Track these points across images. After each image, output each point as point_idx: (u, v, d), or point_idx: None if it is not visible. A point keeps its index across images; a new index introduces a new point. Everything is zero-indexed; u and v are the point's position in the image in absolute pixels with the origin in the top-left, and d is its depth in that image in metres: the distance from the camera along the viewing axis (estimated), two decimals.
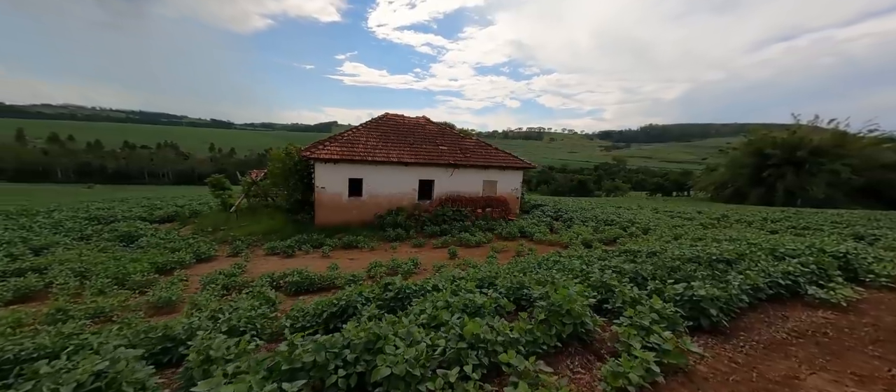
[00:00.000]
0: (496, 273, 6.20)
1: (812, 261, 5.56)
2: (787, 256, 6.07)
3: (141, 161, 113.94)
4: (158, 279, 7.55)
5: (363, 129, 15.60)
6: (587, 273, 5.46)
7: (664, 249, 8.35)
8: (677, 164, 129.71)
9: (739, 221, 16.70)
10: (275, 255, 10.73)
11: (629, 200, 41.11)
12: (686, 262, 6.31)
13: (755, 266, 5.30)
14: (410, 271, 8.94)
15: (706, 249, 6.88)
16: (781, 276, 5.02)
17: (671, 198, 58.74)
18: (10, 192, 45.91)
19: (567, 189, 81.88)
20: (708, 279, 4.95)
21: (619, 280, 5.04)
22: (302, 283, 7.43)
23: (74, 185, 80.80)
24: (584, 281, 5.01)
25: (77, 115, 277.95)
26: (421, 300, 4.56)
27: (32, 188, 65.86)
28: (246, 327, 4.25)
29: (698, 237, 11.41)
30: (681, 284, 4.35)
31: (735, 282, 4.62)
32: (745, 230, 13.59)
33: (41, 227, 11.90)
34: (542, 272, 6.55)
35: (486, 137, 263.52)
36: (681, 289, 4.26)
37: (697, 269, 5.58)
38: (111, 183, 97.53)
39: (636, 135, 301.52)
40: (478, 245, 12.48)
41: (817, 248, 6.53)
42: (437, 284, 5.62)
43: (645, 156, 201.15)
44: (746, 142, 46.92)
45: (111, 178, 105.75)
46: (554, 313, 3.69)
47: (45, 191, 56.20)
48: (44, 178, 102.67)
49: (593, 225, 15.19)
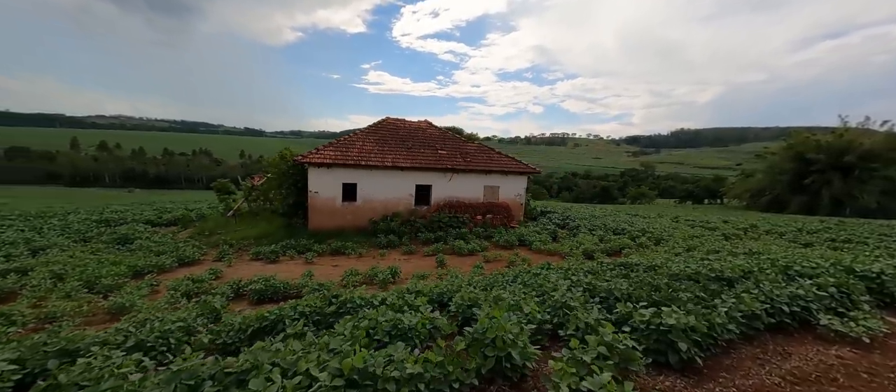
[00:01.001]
0: (458, 287, 5.61)
1: (832, 282, 4.61)
2: (802, 276, 5.12)
3: (178, 167, 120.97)
4: (127, 283, 7.47)
5: (361, 134, 15.41)
6: (554, 289, 4.77)
7: (666, 263, 7.45)
8: (710, 170, 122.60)
9: (770, 232, 15.09)
10: (259, 260, 10.59)
11: (654, 208, 38.87)
12: (681, 280, 5.50)
13: (756, 288, 4.42)
14: (386, 281, 8.47)
15: (710, 265, 5.98)
16: (788, 300, 4.14)
17: (702, 206, 55.23)
18: (58, 196, 49.57)
19: (590, 196, 79.10)
20: (692, 303, 4.15)
21: (586, 301, 4.33)
22: (265, 292, 7.12)
23: (118, 190, 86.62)
24: (545, 301, 4.33)
25: (126, 124, 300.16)
26: (348, 319, 4.05)
27: (82, 192, 71.20)
28: (156, 343, 3.90)
29: (714, 250, 10.27)
30: (650, 310, 3.61)
31: (723, 307, 3.82)
32: (772, 243, 12.18)
33: (50, 229, 12.41)
34: (512, 287, 5.89)
35: (507, 143, 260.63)
36: (648, 315, 3.52)
37: (691, 288, 4.77)
38: (152, 187, 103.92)
39: (666, 140, 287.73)
40: (471, 253, 11.85)
41: (845, 266, 5.51)
42: (387, 299, 5.11)
43: (675, 161, 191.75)
44: (786, 146, 43.38)
45: (152, 182, 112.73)
46: (476, 342, 3.08)
47: (90, 194, 60.48)
48: (94, 182, 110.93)
49: (600, 234, 14.16)
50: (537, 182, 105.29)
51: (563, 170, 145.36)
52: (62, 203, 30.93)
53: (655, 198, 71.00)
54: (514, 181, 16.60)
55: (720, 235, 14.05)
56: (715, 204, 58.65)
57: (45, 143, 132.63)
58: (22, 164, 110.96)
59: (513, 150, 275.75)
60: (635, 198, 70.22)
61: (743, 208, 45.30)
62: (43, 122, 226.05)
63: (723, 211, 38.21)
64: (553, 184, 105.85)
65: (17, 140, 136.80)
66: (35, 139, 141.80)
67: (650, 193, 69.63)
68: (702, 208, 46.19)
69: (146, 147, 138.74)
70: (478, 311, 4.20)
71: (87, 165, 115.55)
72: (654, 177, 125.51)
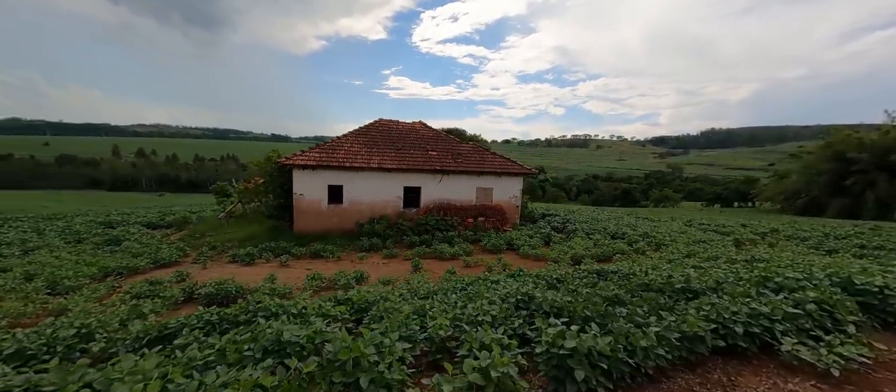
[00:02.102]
0: (385, 296, 5.18)
1: (813, 298, 3.86)
2: (782, 289, 4.36)
3: (208, 172, 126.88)
4: (89, 285, 7.50)
5: (350, 135, 15.27)
6: (491, 302, 4.27)
7: (643, 272, 6.76)
8: (745, 172, 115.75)
9: (792, 237, 13.68)
10: (235, 262, 10.54)
11: (675, 212, 36.76)
12: (652, 290, 4.88)
13: (711, 304, 3.74)
14: (347, 285, 8.15)
15: (687, 274, 5.29)
16: (746, 320, 3.45)
17: (730, 209, 51.86)
18: (97, 200, 52.85)
19: (610, 198, 76.41)
20: (625, 320, 3.55)
21: (508, 315, 3.81)
22: (216, 295, 6.95)
23: (151, 194, 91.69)
24: (456, 316, 3.83)
25: (164, 132, 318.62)
26: (238, 331, 3.72)
27: (118, 195, 75.86)
28: (39, 351, 3.71)
29: (713, 256, 9.32)
30: (556, 329, 3.05)
31: (655, 327, 3.20)
32: (788, 249, 10.96)
33: (52, 230, 12.95)
34: (451, 297, 5.39)
35: (527, 146, 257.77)
36: (551, 335, 2.97)
37: (652, 300, 4.14)
38: (183, 191, 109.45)
39: (696, 140, 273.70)
40: (453, 258, 11.36)
41: (842, 278, 4.70)
42: (307, 307, 4.76)
43: (706, 162, 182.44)
44: (824, 144, 40.06)
45: (183, 187, 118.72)
46: (329, 365, 2.66)
47: (125, 198, 64.21)
48: (132, 187, 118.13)
49: (597, 238, 13.29)
50: (556, 185, 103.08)
51: (583, 172, 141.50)
52: (93, 206, 32.83)
53: (680, 201, 67.55)
54: (508, 183, 15.96)
55: (732, 241, 12.85)
56: (745, 207, 54.89)
57: (91, 151, 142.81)
58: (69, 170, 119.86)
59: (533, 153, 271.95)
60: (658, 201, 67.06)
61: (776, 212, 42.15)
62: (90, 132, 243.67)
63: (752, 215, 35.61)
64: (572, 186, 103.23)
65: (67, 148, 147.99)
66: (83, 147, 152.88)
67: (675, 196, 66.32)
68: (729, 212, 43.34)
69: (180, 153, 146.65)
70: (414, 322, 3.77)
71: (126, 171, 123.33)
72: (682, 179, 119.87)
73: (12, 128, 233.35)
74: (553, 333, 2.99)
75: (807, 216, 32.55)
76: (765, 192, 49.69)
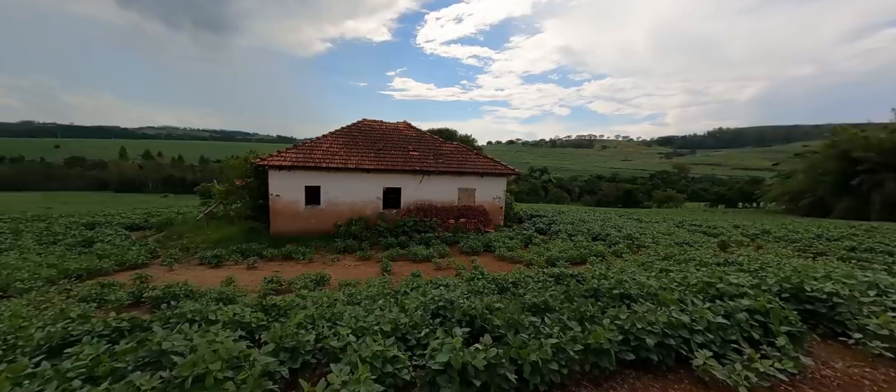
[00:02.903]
0: (335, 300, 4.98)
1: (746, 306, 3.58)
2: (721, 296, 4.08)
3: (213, 173, 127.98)
4: (40, 288, 7.39)
5: (330, 136, 15.12)
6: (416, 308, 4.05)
7: (598, 276, 6.48)
8: (753, 172, 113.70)
9: (782, 239, 13.21)
10: (203, 264, 10.42)
11: (674, 213, 36.10)
12: (599, 297, 4.65)
13: (627, 314, 3.46)
14: (305, 288, 7.94)
15: (622, 280, 5.02)
16: (662, 331, 3.18)
17: (734, 210, 50.88)
18: (101, 201, 53.53)
19: (613, 199, 75.55)
20: (534, 330, 3.30)
21: (413, 322, 3.57)
22: (163, 298, 6.80)
23: (156, 195, 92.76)
24: (361, 326, 3.59)
25: (172, 134, 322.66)
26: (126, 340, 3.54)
27: (124, 197, 76.85)
28: None
29: (689, 259, 8.97)
30: (440, 341, 2.81)
31: (555, 339, 2.94)
32: (773, 252, 10.54)
33: (30, 232, 12.97)
34: (379, 301, 5.17)
35: (531, 146, 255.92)
36: (433, 348, 2.73)
37: (580, 307, 3.88)
38: (189, 193, 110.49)
39: (703, 140, 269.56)
40: (425, 260, 11.12)
41: (794, 284, 4.42)
42: (217, 314, 4.55)
43: (713, 163, 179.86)
44: (829, 143, 39.08)
45: (189, 188, 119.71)
46: (168, 385, 2.45)
47: (130, 199, 64.94)
48: (139, 188, 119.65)
49: (579, 240, 12.97)
50: (559, 186, 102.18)
51: (587, 173, 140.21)
52: (94, 207, 33.11)
53: (684, 202, 66.49)
54: (491, 183, 15.68)
55: (718, 243, 12.43)
56: (749, 208, 53.79)
57: (100, 153, 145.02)
58: (78, 172, 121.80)
59: (537, 153, 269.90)
60: (662, 201, 66.09)
61: (780, 213, 41.22)
62: (101, 134, 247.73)
63: (754, 216, 34.81)
64: (575, 187, 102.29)
65: (78, 151, 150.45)
66: (93, 150, 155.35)
67: (678, 197, 65.30)
68: (731, 213, 42.41)
69: (186, 155, 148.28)
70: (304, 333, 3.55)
71: (134, 173, 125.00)
72: (687, 179, 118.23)
73: (25, 131, 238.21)
74: (433, 346, 2.75)
75: (812, 217, 31.73)
76: (769, 192, 48.68)
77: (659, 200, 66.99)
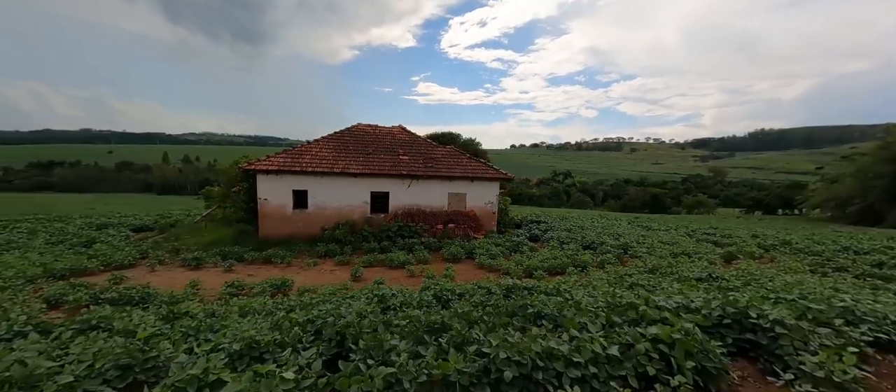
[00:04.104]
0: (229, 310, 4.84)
1: (652, 335, 3.08)
2: (642, 321, 3.57)
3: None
4: (20, 286, 7.79)
5: (321, 141, 15.27)
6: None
7: (538, 292, 6.07)
8: (797, 176, 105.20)
9: (802, 251, 11.87)
10: (184, 266, 10.71)
11: (701, 220, 33.75)
12: (515, 316, 4.27)
13: (498, 339, 3.05)
14: (263, 293, 7.92)
15: (542, 300, 4.58)
16: (536, 361, 2.76)
17: (772, 217, 46.97)
18: (143, 203, 57.46)
19: (639, 204, 72.13)
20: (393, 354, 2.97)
21: (288, 337, 3.34)
22: (119, 300, 6.98)
23: (192, 197, 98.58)
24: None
25: (211, 140, 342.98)
26: None
27: (163, 199, 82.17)
28: None
29: (671, 273, 8.19)
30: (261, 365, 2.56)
31: (385, 369, 2.60)
32: (778, 267, 9.45)
33: (45, 232, 13.93)
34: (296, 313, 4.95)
35: (555, 150, 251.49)
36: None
37: (461, 330, 3.52)
38: None
39: (743, 142, 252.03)
40: (401, 266, 10.87)
41: (739, 308, 3.84)
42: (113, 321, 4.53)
43: (754, 166, 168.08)
44: (880, 144, 35.31)
45: None
46: None
47: (168, 201, 69.30)
48: (179, 191, 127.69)
49: (570, 247, 12.28)
50: (583, 190, 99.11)
51: (614, 176, 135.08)
52: (134, 208, 35.46)
53: (716, 207, 62.36)
54: (482, 188, 15.23)
55: (721, 256, 11.36)
56: (789, 215, 49.46)
57: (147, 158, 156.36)
58: (127, 175, 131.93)
59: (562, 157, 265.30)
60: (692, 207, 62.37)
61: (825, 220, 37.66)
62: (148, 140, 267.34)
63: (792, 223, 31.95)
64: (599, 191, 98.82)
65: (128, 156, 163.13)
66: (141, 155, 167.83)
67: (709, 202, 61.34)
68: (768, 220, 39.14)
69: (221, 159, 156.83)
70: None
71: (174, 176, 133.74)
72: (723, 183, 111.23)
73: (84, 138, 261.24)
74: (249, 373, 2.49)
75: (861, 226, 28.66)
76: (813, 198, 44.60)
77: (688, 206, 63.27)
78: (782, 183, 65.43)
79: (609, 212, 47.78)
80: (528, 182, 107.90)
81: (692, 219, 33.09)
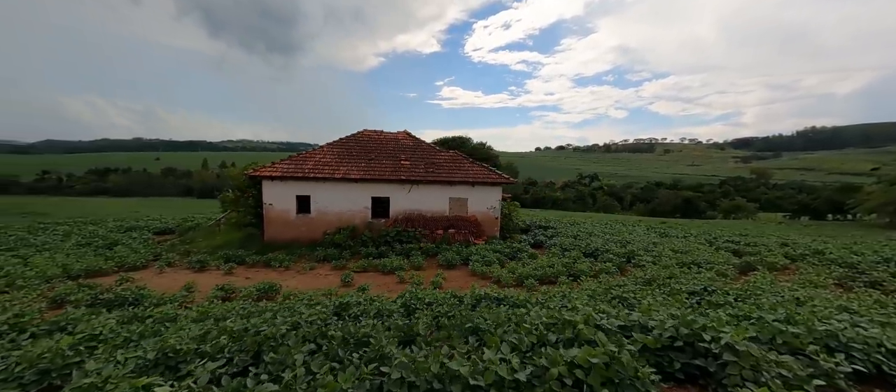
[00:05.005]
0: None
1: (568, 359, 2.84)
2: (576, 340, 3.33)
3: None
4: (37, 286, 8.44)
5: (326, 147, 15.62)
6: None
7: (525, 301, 5.87)
8: (853, 177, 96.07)
9: (834, 262, 10.69)
10: (189, 268, 11.24)
11: (736, 226, 31.45)
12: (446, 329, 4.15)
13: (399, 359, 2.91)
14: (249, 296, 8.14)
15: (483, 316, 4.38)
16: (432, 385, 2.62)
17: (820, 223, 42.95)
18: (184, 206, 61.35)
19: (670, 209, 68.46)
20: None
21: (209, 346, 3.38)
22: (114, 301, 7.40)
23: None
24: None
25: (247, 147, 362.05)
26: None
27: (200, 202, 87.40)
28: None
29: (665, 284, 7.62)
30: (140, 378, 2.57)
31: (270, 387, 2.53)
32: (798, 278, 8.56)
33: (78, 234, 15.12)
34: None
35: (583, 152, 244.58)
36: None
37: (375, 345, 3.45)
38: None
39: (790, 141, 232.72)
40: (393, 272, 10.85)
41: (693, 329, 3.52)
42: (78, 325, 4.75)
43: (803, 167, 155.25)
44: None
45: None
46: None
47: (205, 204, 73.63)
48: (216, 195, 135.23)
49: (572, 255, 11.78)
50: (610, 193, 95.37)
51: (644, 179, 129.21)
52: (174, 211, 38.00)
53: (757, 212, 57.94)
54: (484, 192, 14.97)
55: (740, 264, 10.46)
56: (841, 221, 45.01)
57: (189, 164, 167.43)
58: (171, 181, 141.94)
59: (589, 159, 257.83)
60: (729, 211, 58.32)
61: (882, 226, 34.01)
62: (191, 148, 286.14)
63: (842, 230, 29.05)
64: (628, 195, 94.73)
65: (173, 162, 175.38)
66: (185, 161, 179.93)
67: (748, 207, 57.08)
68: (815, 226, 35.77)
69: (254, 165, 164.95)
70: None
71: (212, 181, 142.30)
72: (767, 186, 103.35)
73: (135, 146, 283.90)
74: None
75: None
76: (867, 201, 40.45)
77: (725, 210, 59.22)
78: (834, 185, 59.83)
79: (630, 216, 45.63)
80: (553, 185, 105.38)
81: (723, 224, 30.88)
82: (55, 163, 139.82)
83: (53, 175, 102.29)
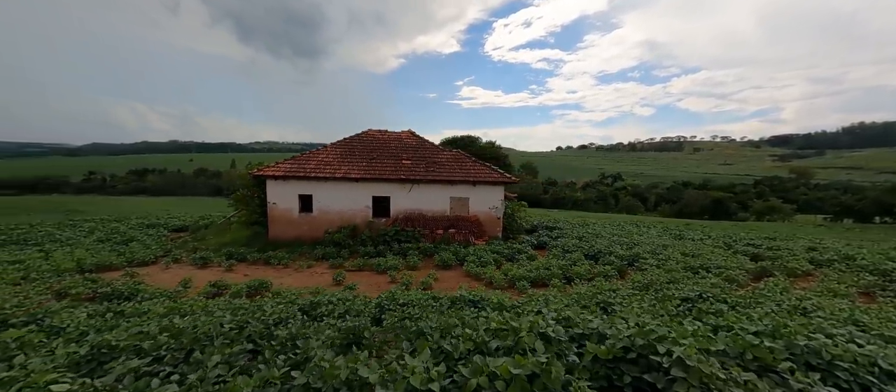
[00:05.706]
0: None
1: (490, 369, 2.64)
2: (512, 349, 3.11)
3: None
4: (49, 278, 8.95)
5: (329, 147, 15.81)
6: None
7: (495, 304, 5.69)
8: None
9: (865, 269, 9.73)
10: (193, 265, 11.63)
11: (768, 228, 29.46)
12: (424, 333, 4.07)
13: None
14: (239, 293, 8.29)
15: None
16: (342, 389, 2.50)
17: (865, 226, 39.59)
18: (211, 205, 64.25)
19: (697, 210, 65.23)
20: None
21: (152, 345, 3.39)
22: (111, 294, 7.72)
23: None
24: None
25: (273, 148, 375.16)
26: None
27: (226, 201, 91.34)
28: None
29: (658, 290, 7.14)
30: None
31: (171, 387, 2.47)
32: (816, 286, 7.82)
33: (101, 230, 16.02)
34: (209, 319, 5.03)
35: (606, 151, 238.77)
36: None
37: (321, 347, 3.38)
38: None
39: (835, 138, 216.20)
40: (385, 271, 10.81)
41: (648, 341, 3.23)
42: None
43: (850, 165, 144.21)
44: None
45: None
46: None
47: (226, 203, 76.88)
48: None
49: (572, 257, 11.34)
50: (634, 193, 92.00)
51: (671, 178, 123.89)
52: (200, 210, 39.87)
53: (794, 214, 54.25)
54: (486, 192, 14.69)
55: (752, 269, 9.72)
56: (889, 224, 41.22)
57: (220, 165, 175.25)
58: (202, 180, 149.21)
59: (613, 158, 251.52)
60: (762, 213, 54.86)
61: None
62: (222, 149, 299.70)
63: (889, 234, 26.63)
64: (652, 195, 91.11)
65: (205, 163, 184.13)
66: (216, 162, 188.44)
67: (784, 208, 53.52)
68: (859, 229, 32.98)
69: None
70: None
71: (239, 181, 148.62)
72: (808, 186, 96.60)
73: (170, 148, 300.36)
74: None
75: None
76: None
77: (758, 212, 55.76)
78: (883, 185, 55.09)
79: (648, 217, 43.73)
80: (573, 185, 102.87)
81: (750, 226, 29.03)
82: (100, 164, 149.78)
83: (98, 176, 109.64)
